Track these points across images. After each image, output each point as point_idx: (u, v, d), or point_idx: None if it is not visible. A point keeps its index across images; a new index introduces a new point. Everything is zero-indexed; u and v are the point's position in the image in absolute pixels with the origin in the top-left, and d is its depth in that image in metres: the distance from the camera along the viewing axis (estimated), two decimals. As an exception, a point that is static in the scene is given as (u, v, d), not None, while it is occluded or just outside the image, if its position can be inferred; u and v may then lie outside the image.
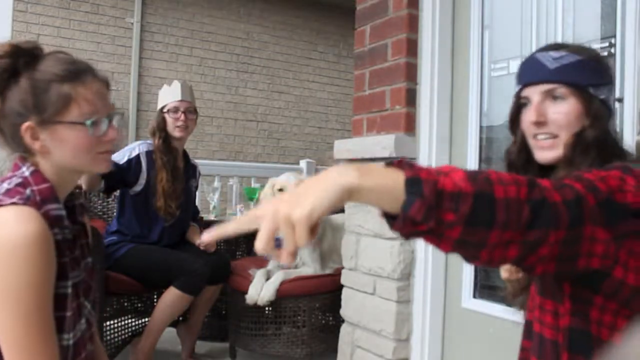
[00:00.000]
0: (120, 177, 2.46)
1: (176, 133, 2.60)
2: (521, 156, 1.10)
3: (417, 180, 0.66)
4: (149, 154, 2.56)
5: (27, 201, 0.98)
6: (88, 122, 1.04)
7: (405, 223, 0.66)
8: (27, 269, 0.93)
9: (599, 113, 1.01)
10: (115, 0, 6.23)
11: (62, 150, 1.05)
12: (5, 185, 1.01)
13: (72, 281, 1.06)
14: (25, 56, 1.04)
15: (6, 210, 0.96)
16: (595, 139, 1.00)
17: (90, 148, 1.06)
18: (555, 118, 1.03)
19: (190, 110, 2.64)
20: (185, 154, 2.76)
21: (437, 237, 0.69)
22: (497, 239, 0.70)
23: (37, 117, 1.03)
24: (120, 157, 2.51)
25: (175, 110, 2.60)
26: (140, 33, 6.33)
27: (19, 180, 1.02)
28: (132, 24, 6.29)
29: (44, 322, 0.97)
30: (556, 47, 1.06)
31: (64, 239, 1.04)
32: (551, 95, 1.03)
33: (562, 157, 1.03)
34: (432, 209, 0.66)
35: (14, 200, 0.97)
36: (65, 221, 1.06)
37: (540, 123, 1.03)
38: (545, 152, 1.04)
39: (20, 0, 5.65)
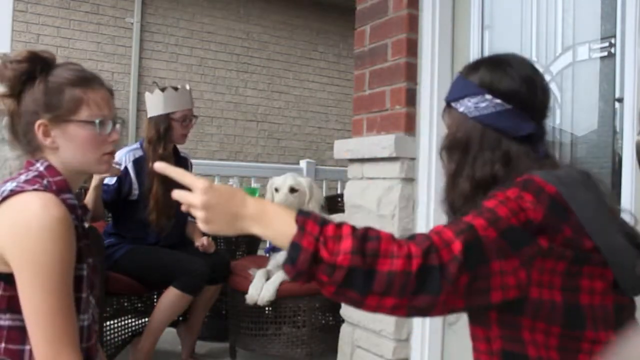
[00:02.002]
0: (117, 197, 2.47)
1: (181, 140, 2.59)
2: None
3: (297, 246, 0.81)
4: (136, 162, 2.51)
5: (46, 189, 1.06)
6: (97, 121, 1.15)
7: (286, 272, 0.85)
8: (55, 248, 1.01)
9: (455, 125, 1.08)
10: (115, 0, 6.23)
11: (71, 147, 1.15)
12: (24, 177, 1.09)
13: (86, 265, 1.14)
14: (41, 63, 1.15)
15: (30, 195, 1.04)
16: (447, 150, 1.09)
17: (97, 146, 1.17)
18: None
19: (192, 117, 2.63)
20: (174, 149, 2.71)
21: (318, 285, 0.84)
22: (376, 303, 0.83)
23: (50, 115, 1.13)
24: (110, 178, 2.48)
25: (184, 118, 2.56)
26: (140, 33, 6.33)
27: (35, 173, 1.12)
28: (132, 24, 6.29)
29: (68, 298, 1.04)
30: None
31: (77, 227, 1.12)
32: None
33: None
34: (301, 274, 0.82)
35: (35, 187, 1.05)
36: (79, 210, 1.16)
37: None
38: None
39: (20, 0, 5.65)
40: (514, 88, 1.02)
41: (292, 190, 2.65)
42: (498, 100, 1.02)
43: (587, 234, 0.89)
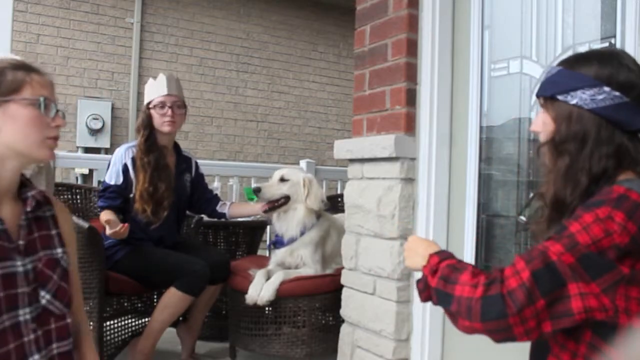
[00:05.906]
0: (126, 197, 2.48)
1: (164, 128, 2.53)
2: None
3: (423, 273, 1.09)
4: (134, 160, 2.51)
5: None
6: (41, 99, 1.15)
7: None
8: None
9: (567, 118, 1.02)
10: (115, 0, 6.23)
11: (13, 128, 1.13)
12: None
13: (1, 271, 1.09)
14: None
15: None
16: (557, 144, 1.03)
17: (40, 128, 1.15)
18: (533, 128, 1.11)
19: (178, 105, 2.57)
20: (176, 148, 2.70)
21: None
22: (456, 321, 0.99)
23: None
24: (115, 177, 2.47)
25: (162, 105, 2.53)
26: (140, 33, 6.33)
27: None
28: (132, 24, 6.29)
29: None
30: (560, 61, 1.10)
31: None
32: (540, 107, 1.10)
33: None
34: (421, 292, 1.09)
35: None
36: None
37: (534, 131, 1.12)
38: None
39: (20, 0, 5.65)
40: (632, 80, 1.00)
41: (282, 180, 2.69)
42: (617, 93, 0.99)
43: None
